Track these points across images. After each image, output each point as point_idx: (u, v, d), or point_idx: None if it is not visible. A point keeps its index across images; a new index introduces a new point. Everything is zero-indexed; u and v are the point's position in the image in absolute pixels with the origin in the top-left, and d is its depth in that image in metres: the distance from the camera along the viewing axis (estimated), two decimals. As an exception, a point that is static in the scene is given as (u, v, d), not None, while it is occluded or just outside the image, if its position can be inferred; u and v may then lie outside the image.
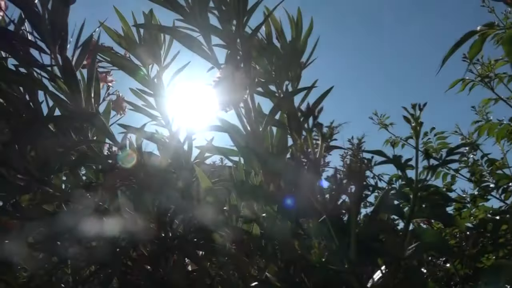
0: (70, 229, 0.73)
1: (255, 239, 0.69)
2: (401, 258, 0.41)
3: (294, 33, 0.94)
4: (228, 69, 0.71)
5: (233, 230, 0.70)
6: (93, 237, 0.74)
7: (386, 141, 1.25)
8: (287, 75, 0.92)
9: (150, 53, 0.89)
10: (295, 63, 0.92)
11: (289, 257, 0.60)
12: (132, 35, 0.87)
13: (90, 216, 0.75)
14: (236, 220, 0.70)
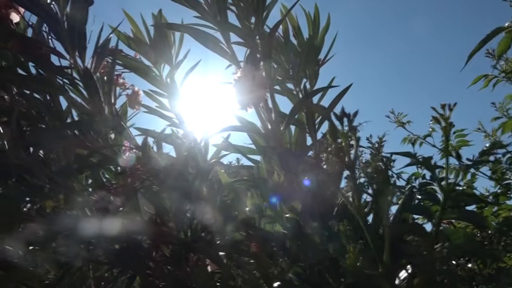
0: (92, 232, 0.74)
1: (278, 239, 0.69)
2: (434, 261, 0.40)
3: (311, 30, 0.93)
4: (248, 67, 0.70)
5: (255, 230, 0.70)
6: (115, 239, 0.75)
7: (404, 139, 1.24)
8: (305, 72, 0.92)
9: (161, 54, 0.89)
10: (313, 61, 0.91)
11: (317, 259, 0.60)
12: (142, 37, 0.87)
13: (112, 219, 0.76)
14: (258, 220, 0.70)
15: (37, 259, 0.66)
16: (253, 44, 0.76)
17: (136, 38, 0.82)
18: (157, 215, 0.78)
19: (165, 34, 0.83)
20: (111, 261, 0.74)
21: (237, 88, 0.72)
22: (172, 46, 0.86)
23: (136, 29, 0.82)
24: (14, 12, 0.68)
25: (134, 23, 0.82)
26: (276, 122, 0.77)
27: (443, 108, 0.46)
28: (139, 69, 0.84)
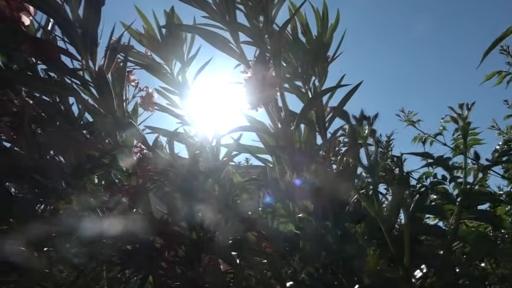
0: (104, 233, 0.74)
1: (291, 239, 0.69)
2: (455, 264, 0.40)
3: (320, 27, 0.92)
4: (258, 67, 0.70)
5: (267, 230, 0.70)
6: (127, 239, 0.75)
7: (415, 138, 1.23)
8: (314, 70, 0.91)
9: (172, 50, 0.88)
10: (322, 58, 0.91)
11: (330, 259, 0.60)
12: (154, 34, 0.86)
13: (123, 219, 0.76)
14: (271, 220, 0.70)
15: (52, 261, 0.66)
16: (262, 43, 0.76)
17: (148, 35, 0.81)
18: (168, 215, 0.78)
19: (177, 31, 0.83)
20: (124, 262, 0.75)
21: (247, 88, 0.72)
22: (184, 43, 0.85)
23: (148, 26, 0.82)
24: (25, 14, 0.68)
25: (146, 20, 0.82)
26: (286, 121, 0.76)
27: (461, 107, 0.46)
28: (150, 66, 0.84)
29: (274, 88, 0.72)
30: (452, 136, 1.06)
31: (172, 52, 0.86)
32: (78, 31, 0.67)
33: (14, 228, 0.61)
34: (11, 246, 0.63)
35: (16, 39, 0.66)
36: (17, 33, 0.66)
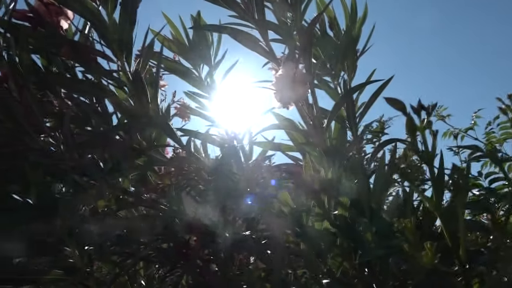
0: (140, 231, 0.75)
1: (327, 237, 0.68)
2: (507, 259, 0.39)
3: (349, 21, 0.91)
4: (288, 64, 0.70)
5: (303, 228, 0.69)
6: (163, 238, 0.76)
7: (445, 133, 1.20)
8: (343, 65, 0.90)
9: (200, 55, 0.89)
10: (351, 53, 0.90)
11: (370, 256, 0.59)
12: (181, 39, 0.88)
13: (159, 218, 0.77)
14: (306, 218, 0.69)
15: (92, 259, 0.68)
16: (292, 40, 0.76)
17: (176, 40, 0.82)
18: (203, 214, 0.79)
19: (203, 35, 0.84)
20: (160, 260, 0.76)
21: (277, 86, 0.71)
22: (210, 46, 0.86)
23: (175, 32, 0.83)
24: (63, 19, 0.69)
25: (173, 25, 0.83)
26: (318, 118, 0.76)
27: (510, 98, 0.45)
28: (179, 71, 0.85)
29: (305, 85, 0.72)
30: (485, 130, 1.03)
31: (199, 56, 0.87)
32: (114, 34, 0.69)
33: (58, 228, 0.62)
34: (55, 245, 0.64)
35: (56, 43, 0.68)
36: (56, 37, 0.67)
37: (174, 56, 0.86)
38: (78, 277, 0.64)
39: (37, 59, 0.72)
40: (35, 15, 0.67)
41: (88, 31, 0.72)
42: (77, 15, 0.70)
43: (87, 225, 0.69)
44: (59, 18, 0.69)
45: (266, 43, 0.79)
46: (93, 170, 0.69)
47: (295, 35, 0.80)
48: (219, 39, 0.87)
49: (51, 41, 0.68)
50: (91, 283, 0.66)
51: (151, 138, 0.79)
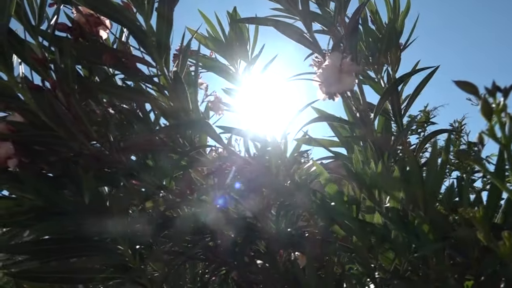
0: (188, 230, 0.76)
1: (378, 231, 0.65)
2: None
3: (391, 13, 0.88)
4: (335, 55, 0.67)
5: (353, 221, 0.67)
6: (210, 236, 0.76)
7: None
8: (386, 58, 0.87)
9: (237, 51, 0.89)
10: (394, 45, 0.86)
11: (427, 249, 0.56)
12: (218, 35, 0.88)
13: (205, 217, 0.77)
14: (356, 212, 0.67)
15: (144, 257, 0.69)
16: (337, 30, 0.74)
17: (212, 37, 0.83)
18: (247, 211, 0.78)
19: (239, 31, 0.83)
20: (208, 258, 0.76)
21: (324, 77, 0.69)
22: (247, 42, 0.86)
23: (212, 29, 0.83)
24: (102, 28, 0.72)
25: (210, 22, 0.83)
26: (365, 110, 0.73)
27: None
28: (216, 68, 0.85)
29: (352, 76, 0.69)
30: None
31: (236, 53, 0.87)
32: (152, 40, 0.70)
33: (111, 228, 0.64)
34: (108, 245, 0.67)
35: (97, 52, 0.70)
36: (97, 46, 0.70)
37: (210, 53, 0.87)
38: (131, 276, 0.66)
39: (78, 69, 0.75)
40: (75, 26, 0.69)
41: (126, 39, 0.74)
42: (114, 24, 0.72)
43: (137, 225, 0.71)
44: (98, 28, 0.71)
45: (310, 34, 0.77)
46: (140, 172, 0.70)
47: (339, 26, 0.78)
48: (256, 35, 0.87)
49: (92, 51, 0.70)
50: (144, 281, 0.67)
51: (192, 138, 0.80)
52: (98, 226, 0.67)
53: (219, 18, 0.84)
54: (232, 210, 0.79)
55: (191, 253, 0.71)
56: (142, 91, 0.74)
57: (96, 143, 0.70)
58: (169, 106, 0.75)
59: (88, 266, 0.68)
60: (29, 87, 0.61)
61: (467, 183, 0.61)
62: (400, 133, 0.76)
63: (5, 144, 0.59)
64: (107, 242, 0.67)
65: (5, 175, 0.63)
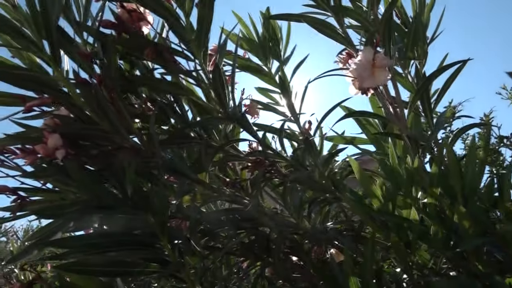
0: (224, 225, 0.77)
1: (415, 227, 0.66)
2: None
3: (417, 7, 0.88)
4: (368, 50, 0.68)
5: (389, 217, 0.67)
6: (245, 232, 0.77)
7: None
8: (413, 53, 0.87)
9: (270, 51, 0.90)
10: (421, 39, 0.86)
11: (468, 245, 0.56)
12: (252, 36, 0.89)
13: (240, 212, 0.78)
14: (392, 208, 0.67)
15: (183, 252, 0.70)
16: (369, 25, 0.74)
17: (246, 37, 0.84)
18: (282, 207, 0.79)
19: (273, 31, 0.84)
20: (244, 253, 0.77)
21: (357, 72, 0.70)
22: (280, 42, 0.87)
23: (246, 29, 0.84)
24: (144, 23, 0.73)
25: (243, 23, 0.84)
26: (400, 104, 0.74)
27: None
28: (249, 67, 0.86)
29: (385, 70, 0.70)
30: None
31: (269, 52, 0.87)
32: (192, 34, 0.71)
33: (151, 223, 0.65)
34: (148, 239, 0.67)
35: (138, 47, 0.71)
36: (139, 41, 0.71)
37: (244, 54, 0.88)
38: (171, 270, 0.67)
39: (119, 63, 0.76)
40: (119, 22, 0.70)
41: (166, 34, 0.75)
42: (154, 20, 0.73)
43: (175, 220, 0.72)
44: (140, 24, 0.72)
45: (342, 29, 0.78)
46: (178, 166, 0.71)
47: (372, 21, 0.78)
48: (288, 34, 0.87)
49: (134, 46, 0.71)
50: (183, 275, 0.68)
51: (226, 134, 0.81)
52: (138, 220, 0.68)
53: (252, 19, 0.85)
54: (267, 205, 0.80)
55: (228, 248, 0.71)
56: (180, 85, 0.75)
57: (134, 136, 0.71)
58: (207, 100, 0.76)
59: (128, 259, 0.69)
60: (77, 81, 0.62)
61: (507, 178, 0.62)
62: (435, 128, 0.77)
63: (54, 135, 0.60)
64: (147, 236, 0.68)
65: (51, 168, 0.64)
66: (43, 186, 0.68)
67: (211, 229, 0.74)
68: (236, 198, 0.76)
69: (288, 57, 0.87)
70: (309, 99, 0.91)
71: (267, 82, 0.87)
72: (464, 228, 0.60)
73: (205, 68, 0.72)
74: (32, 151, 0.62)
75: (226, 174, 0.80)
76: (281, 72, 0.86)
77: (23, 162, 0.66)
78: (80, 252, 0.64)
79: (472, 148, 0.66)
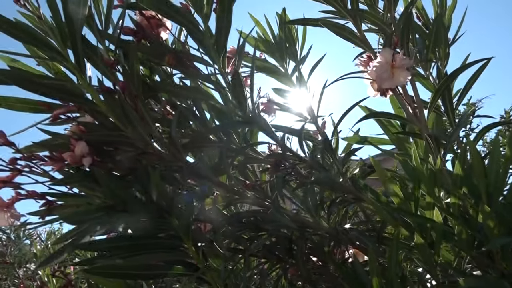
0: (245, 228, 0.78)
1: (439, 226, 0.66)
2: None
3: (438, 8, 0.88)
4: (387, 51, 0.68)
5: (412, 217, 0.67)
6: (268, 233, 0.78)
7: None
8: (435, 54, 0.87)
9: (286, 52, 0.90)
10: (443, 41, 0.86)
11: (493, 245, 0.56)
12: (268, 37, 0.89)
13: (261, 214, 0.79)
14: (415, 208, 0.67)
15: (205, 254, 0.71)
16: (387, 27, 0.74)
17: (262, 39, 0.84)
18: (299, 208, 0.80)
19: (289, 32, 0.85)
20: (266, 255, 0.78)
21: (376, 73, 0.70)
22: (296, 43, 0.87)
23: (262, 31, 0.84)
24: (163, 30, 0.74)
25: (260, 25, 0.84)
26: (419, 105, 0.73)
27: None
28: (266, 68, 0.87)
29: (405, 71, 0.70)
30: None
31: (286, 53, 0.88)
32: (210, 39, 0.72)
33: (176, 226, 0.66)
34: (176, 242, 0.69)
35: (159, 54, 0.72)
36: (160, 48, 0.72)
37: (260, 55, 0.88)
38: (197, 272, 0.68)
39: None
40: (139, 29, 0.71)
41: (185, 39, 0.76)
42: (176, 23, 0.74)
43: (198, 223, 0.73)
44: (159, 30, 0.73)
45: (360, 32, 0.78)
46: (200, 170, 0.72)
47: (389, 23, 0.78)
48: (304, 35, 0.88)
49: (155, 52, 0.72)
50: (208, 277, 0.69)
51: (246, 136, 0.81)
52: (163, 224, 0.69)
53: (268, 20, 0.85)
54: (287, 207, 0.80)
55: (251, 250, 0.72)
56: (200, 89, 0.76)
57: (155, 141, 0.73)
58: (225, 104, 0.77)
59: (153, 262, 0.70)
60: (102, 89, 0.63)
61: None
62: (457, 128, 0.76)
63: (80, 143, 0.62)
64: (171, 239, 0.69)
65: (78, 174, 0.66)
66: (70, 191, 0.70)
67: (234, 231, 0.75)
68: (257, 201, 0.77)
69: (304, 57, 0.88)
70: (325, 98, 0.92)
71: (284, 83, 0.88)
72: (489, 227, 0.60)
73: (224, 73, 0.73)
74: (60, 158, 0.64)
75: (246, 177, 0.80)
76: (298, 72, 0.87)
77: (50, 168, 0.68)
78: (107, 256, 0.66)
79: (495, 146, 0.65)
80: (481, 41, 16.87)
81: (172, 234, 0.69)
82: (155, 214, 0.68)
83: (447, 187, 0.66)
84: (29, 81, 0.58)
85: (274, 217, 0.75)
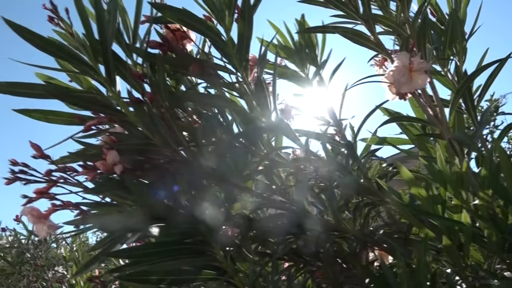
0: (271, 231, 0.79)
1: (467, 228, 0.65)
2: None
3: (453, 3, 0.87)
4: (404, 54, 0.68)
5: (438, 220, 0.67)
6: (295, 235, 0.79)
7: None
8: (451, 50, 0.86)
9: (306, 57, 0.92)
10: (459, 36, 0.85)
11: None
12: (288, 44, 0.91)
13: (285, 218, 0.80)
14: (442, 210, 0.67)
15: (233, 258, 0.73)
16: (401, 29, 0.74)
17: (282, 45, 0.85)
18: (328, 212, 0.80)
19: (308, 37, 0.86)
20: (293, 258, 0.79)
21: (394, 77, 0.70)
22: (315, 47, 0.88)
23: (282, 37, 0.86)
24: (187, 41, 0.76)
25: (280, 32, 0.86)
26: (440, 106, 0.73)
27: None
28: (287, 74, 0.88)
29: (423, 74, 0.70)
30: None
31: (306, 58, 0.89)
32: (233, 48, 0.74)
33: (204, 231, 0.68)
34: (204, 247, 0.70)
35: (183, 64, 0.74)
36: (185, 58, 0.74)
37: (280, 61, 0.89)
38: (225, 276, 0.70)
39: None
40: (164, 42, 0.74)
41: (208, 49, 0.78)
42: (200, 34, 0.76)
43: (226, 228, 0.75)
44: (184, 42, 0.76)
45: (374, 36, 0.79)
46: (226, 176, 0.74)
47: (403, 23, 0.79)
48: (324, 40, 0.89)
49: (180, 63, 0.75)
50: (236, 281, 0.70)
51: (270, 141, 0.83)
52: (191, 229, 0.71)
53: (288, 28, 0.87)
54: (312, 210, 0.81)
55: (279, 254, 0.73)
56: (224, 97, 0.77)
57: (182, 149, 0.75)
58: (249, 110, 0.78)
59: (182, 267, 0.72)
60: (131, 100, 0.65)
61: None
62: (479, 127, 0.76)
63: (112, 152, 0.64)
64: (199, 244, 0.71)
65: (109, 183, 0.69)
66: (102, 200, 0.72)
67: (261, 235, 0.76)
68: (284, 205, 0.78)
69: (324, 61, 0.89)
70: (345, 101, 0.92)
71: (304, 87, 0.89)
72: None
73: (247, 81, 0.74)
74: (93, 167, 0.67)
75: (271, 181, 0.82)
76: (317, 77, 0.88)
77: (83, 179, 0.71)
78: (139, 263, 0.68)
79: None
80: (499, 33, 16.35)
81: (200, 239, 0.71)
82: (183, 220, 0.70)
83: (474, 189, 0.66)
84: (67, 95, 0.61)
85: (300, 221, 0.76)
